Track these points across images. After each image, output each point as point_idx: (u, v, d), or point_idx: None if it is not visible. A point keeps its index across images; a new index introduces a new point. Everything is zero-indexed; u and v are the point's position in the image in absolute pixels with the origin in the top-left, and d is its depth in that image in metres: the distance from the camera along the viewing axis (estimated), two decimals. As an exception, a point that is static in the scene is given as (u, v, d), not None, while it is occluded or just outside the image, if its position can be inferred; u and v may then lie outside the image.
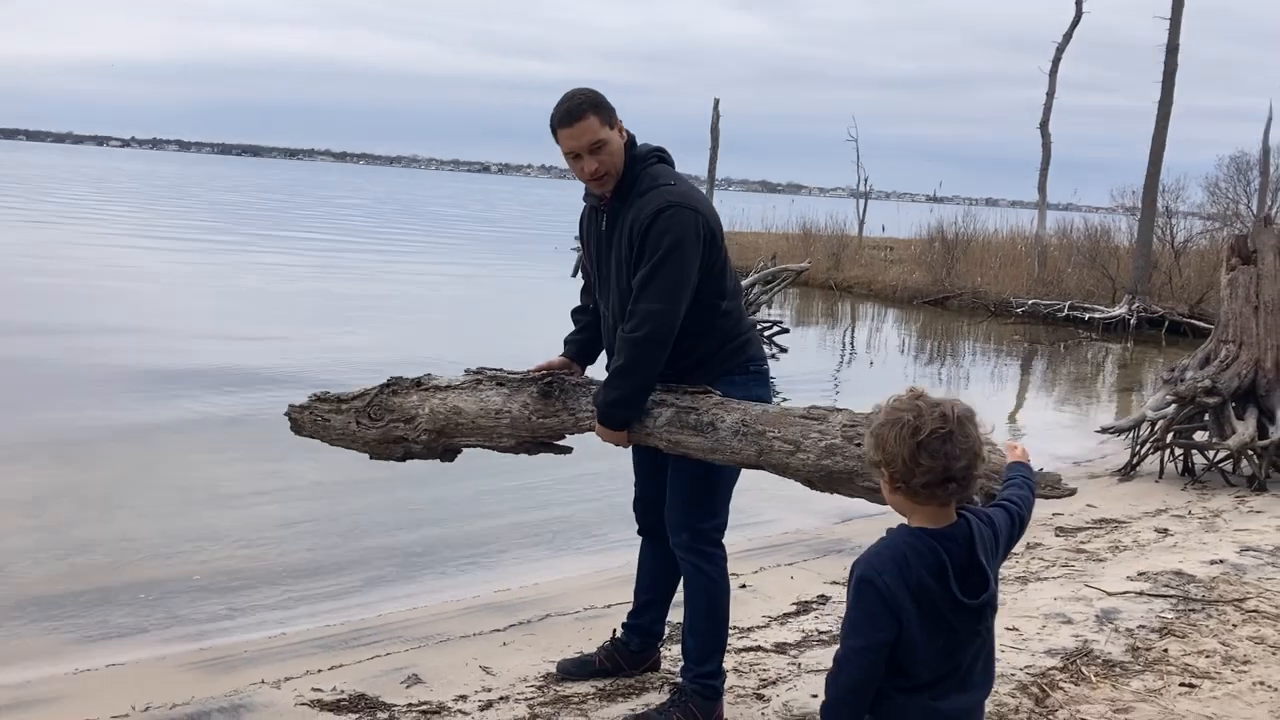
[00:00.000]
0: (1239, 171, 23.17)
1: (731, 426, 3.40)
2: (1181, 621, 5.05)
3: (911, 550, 2.26)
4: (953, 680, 2.32)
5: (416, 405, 3.85)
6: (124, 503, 6.95)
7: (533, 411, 3.72)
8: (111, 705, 4.08)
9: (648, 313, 3.53)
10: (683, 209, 3.54)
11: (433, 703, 4.08)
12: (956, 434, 2.26)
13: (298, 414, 4.05)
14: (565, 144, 3.63)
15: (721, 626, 3.87)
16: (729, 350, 3.75)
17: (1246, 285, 8.37)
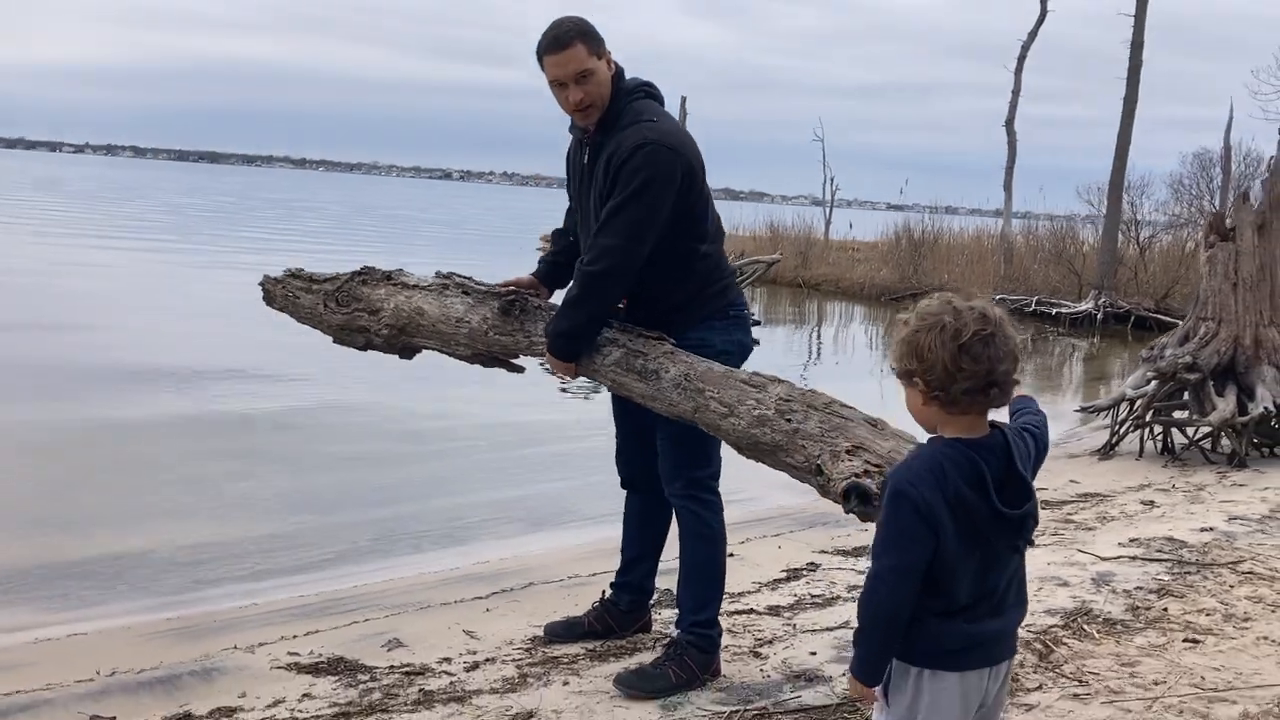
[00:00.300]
0: (1202, 168, 23.42)
1: (674, 379, 3.38)
2: (1178, 583, 4.96)
3: (949, 461, 2.12)
4: (987, 605, 2.18)
5: (383, 299, 3.83)
6: (84, 482, 6.71)
7: (490, 327, 3.68)
8: (75, 671, 3.87)
9: (606, 247, 3.45)
10: (661, 147, 3.42)
11: (415, 664, 3.90)
12: (998, 335, 2.13)
13: (272, 286, 4.04)
14: (550, 72, 3.50)
15: (717, 576, 3.75)
16: (709, 295, 3.65)
17: (1225, 262, 8.35)
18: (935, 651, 2.17)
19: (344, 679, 3.76)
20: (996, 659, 2.21)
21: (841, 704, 3.50)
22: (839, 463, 2.96)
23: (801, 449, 3.10)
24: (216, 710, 3.47)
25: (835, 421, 3.10)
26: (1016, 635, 2.28)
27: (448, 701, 3.51)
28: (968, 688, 2.17)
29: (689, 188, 3.49)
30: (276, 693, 3.62)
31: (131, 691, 3.67)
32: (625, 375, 3.47)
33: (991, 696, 2.24)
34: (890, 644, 2.18)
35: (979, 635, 2.17)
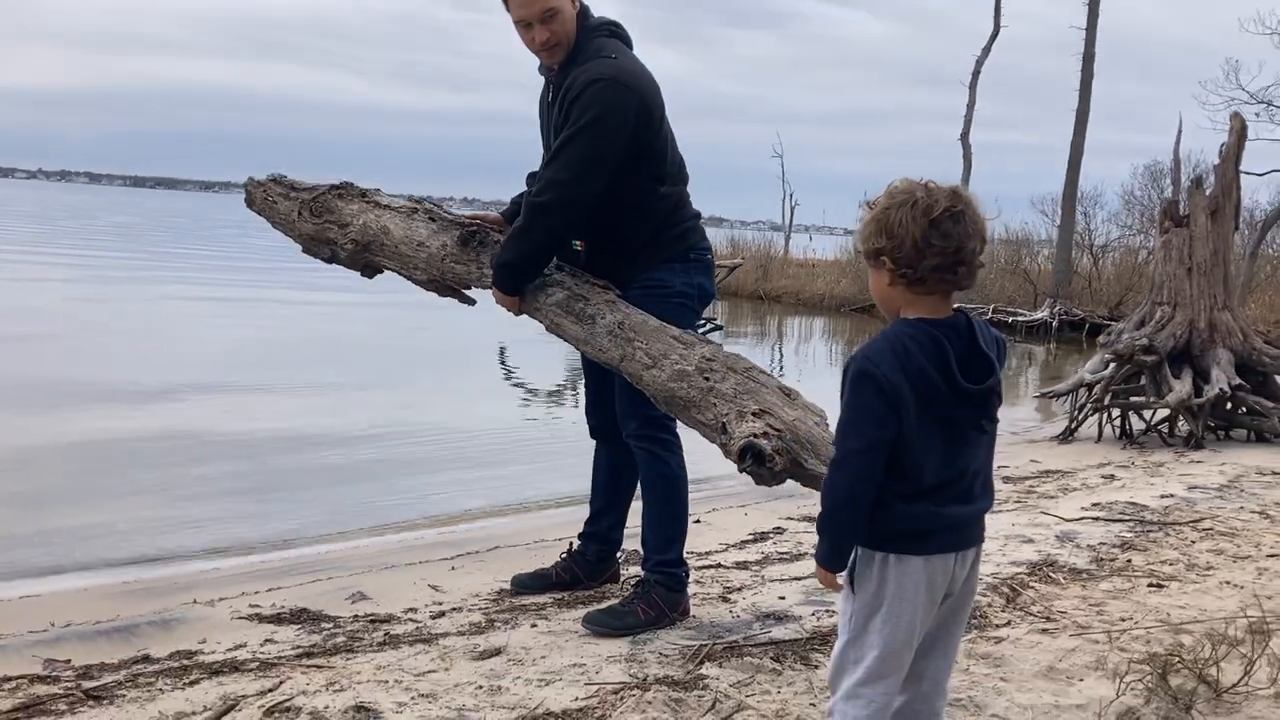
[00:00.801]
0: (1153, 179, 23.83)
1: (607, 325, 3.39)
2: (1141, 539, 5.00)
3: (911, 340, 2.12)
4: (954, 490, 2.17)
5: (355, 214, 3.83)
6: (35, 463, 6.56)
7: (448, 255, 3.68)
8: (28, 624, 3.77)
9: (551, 180, 3.44)
10: (615, 83, 3.40)
11: (380, 614, 3.84)
12: (968, 213, 2.13)
13: (254, 188, 4.06)
14: (516, 12, 3.48)
15: (681, 514, 3.72)
16: (670, 236, 3.63)
17: (1180, 248, 8.49)
18: (901, 534, 2.15)
19: (307, 627, 3.70)
20: (964, 544, 2.20)
21: (811, 638, 3.49)
22: (743, 423, 3.02)
23: (712, 406, 3.16)
24: (176, 653, 3.40)
25: (749, 385, 3.17)
26: (983, 523, 2.27)
27: (414, 643, 3.45)
28: (933, 571, 2.16)
29: (644, 124, 3.47)
30: (238, 639, 3.55)
31: (88, 639, 3.58)
32: (563, 317, 3.48)
33: (959, 584, 2.23)
34: (855, 527, 2.16)
35: (946, 518, 2.16)
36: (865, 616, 2.18)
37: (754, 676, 3.13)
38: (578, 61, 3.49)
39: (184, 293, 17.96)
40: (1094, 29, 20.72)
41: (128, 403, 8.47)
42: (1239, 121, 8.96)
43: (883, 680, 2.18)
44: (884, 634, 2.16)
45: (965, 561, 2.22)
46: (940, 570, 2.17)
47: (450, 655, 3.30)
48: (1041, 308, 21.06)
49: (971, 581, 2.28)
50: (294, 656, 3.33)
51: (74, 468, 6.46)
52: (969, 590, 2.29)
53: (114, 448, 7.03)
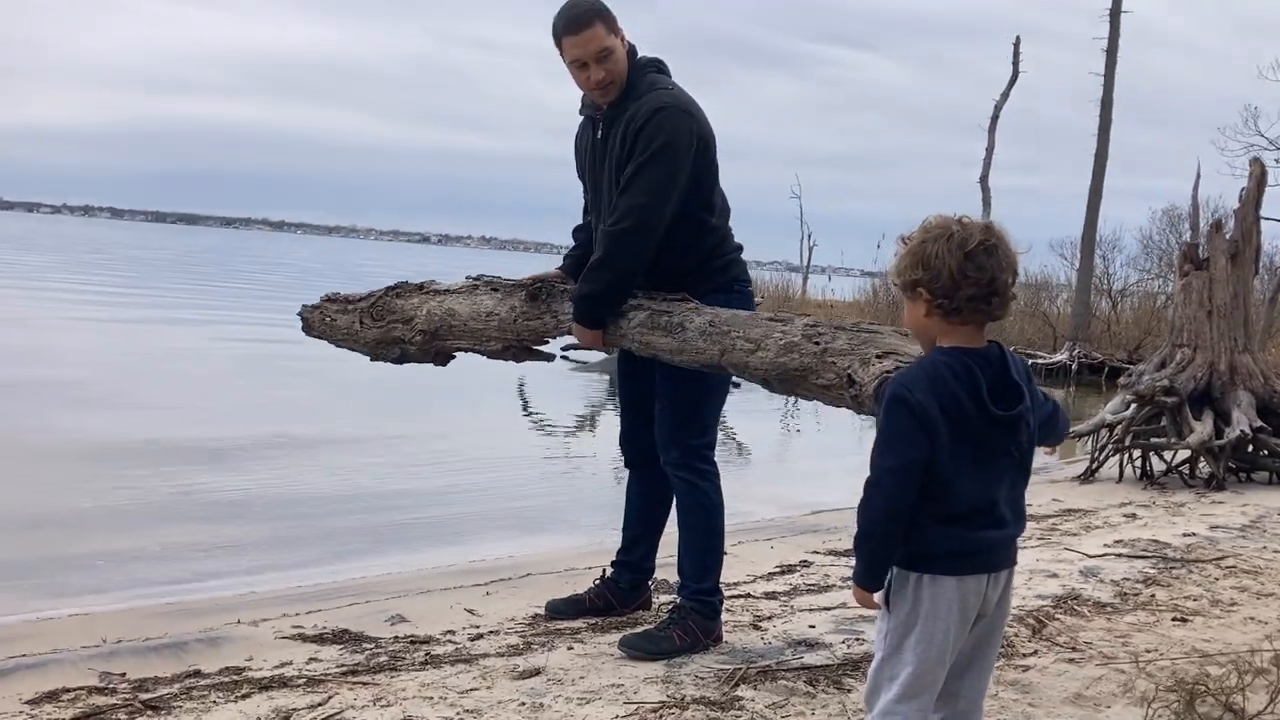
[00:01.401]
0: (1171, 224, 23.92)
1: (699, 327, 3.42)
2: (1164, 575, 5.07)
3: (945, 367, 2.24)
4: (987, 516, 2.27)
5: (416, 307, 3.92)
6: (74, 487, 6.69)
7: (519, 315, 3.75)
8: (81, 640, 3.88)
9: (629, 206, 3.51)
10: (678, 110, 3.54)
11: (420, 635, 3.94)
12: (1000, 246, 2.25)
13: (309, 313, 4.15)
14: (571, 53, 3.57)
15: (717, 544, 3.81)
16: (714, 268, 3.72)
17: (1200, 290, 8.57)
18: (934, 555, 2.25)
19: (349, 646, 3.79)
20: (995, 566, 2.29)
21: (843, 664, 3.57)
22: (869, 367, 2.95)
23: (831, 366, 3.09)
24: (226, 669, 3.50)
25: (864, 336, 3.13)
26: (1016, 546, 2.36)
27: (455, 663, 3.54)
28: (966, 592, 2.25)
29: (701, 154, 3.58)
30: (283, 657, 3.64)
31: (139, 654, 3.69)
32: (651, 333, 3.50)
33: (992, 605, 2.31)
34: (889, 546, 2.26)
35: (978, 542, 2.26)
36: (900, 635, 2.28)
37: (788, 699, 3.22)
38: (632, 97, 3.59)
39: (206, 333, 18.12)
40: (1112, 74, 20.91)
41: (166, 438, 8.61)
42: (1259, 166, 9.07)
43: (916, 698, 2.27)
44: (918, 652, 2.25)
45: (997, 584, 2.32)
46: (973, 591, 2.27)
47: (491, 675, 3.39)
48: (1061, 350, 21.07)
49: (1005, 604, 2.38)
50: (340, 674, 3.43)
51: (111, 495, 6.58)
52: (1002, 612, 2.38)
53: (147, 478, 7.15)
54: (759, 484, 8.25)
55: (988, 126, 25.09)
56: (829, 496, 7.53)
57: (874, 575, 2.30)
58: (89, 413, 9.51)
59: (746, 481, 8.21)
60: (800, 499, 7.65)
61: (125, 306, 21.56)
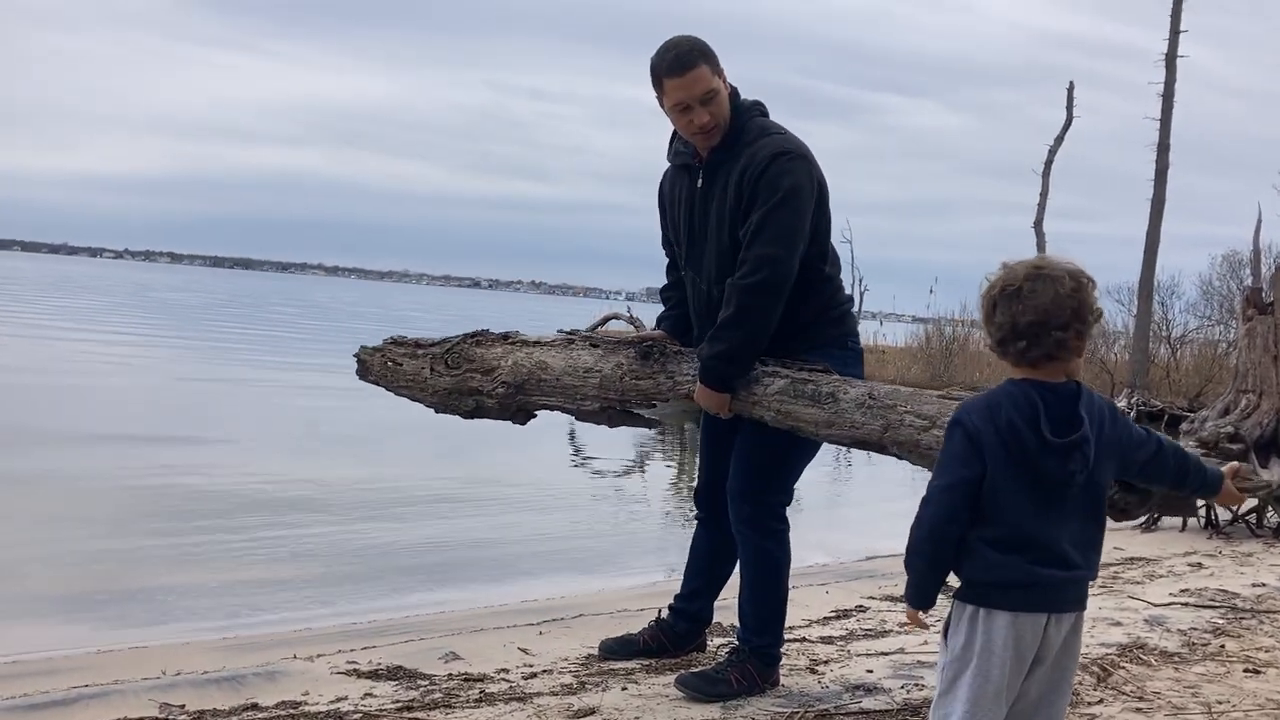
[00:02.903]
0: (1231, 270, 23.56)
1: (855, 399, 3.17)
2: (1234, 625, 4.93)
3: (1005, 396, 2.26)
4: (1047, 549, 2.23)
5: (500, 357, 3.67)
6: (132, 524, 6.80)
7: (627, 372, 3.50)
8: (142, 671, 3.92)
9: (762, 257, 3.29)
10: (799, 157, 3.38)
11: (474, 673, 3.92)
12: (1025, 289, 2.23)
13: (368, 355, 3.90)
14: (674, 95, 3.38)
15: (782, 600, 3.71)
16: (829, 320, 3.55)
17: (1264, 335, 8.39)
18: (989, 584, 2.23)
19: (404, 683, 3.78)
20: (1056, 606, 2.25)
21: (903, 709, 3.50)
22: None
23: None
24: (283, 703, 3.51)
25: None
26: (1084, 590, 2.31)
27: (509, 701, 3.53)
28: (1021, 629, 2.21)
29: (820, 202, 3.43)
30: (339, 692, 3.65)
31: (198, 686, 3.71)
32: (794, 403, 3.25)
33: (1054, 649, 2.26)
34: (935, 564, 2.26)
35: (1036, 576, 2.21)
36: (955, 671, 2.26)
37: (847, 744, 3.16)
38: (744, 141, 3.41)
39: (247, 374, 18.35)
40: (1169, 118, 20.73)
41: (219, 477, 8.74)
42: (1323, 210, 8.90)
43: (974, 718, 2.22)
44: (971, 688, 2.22)
45: (1060, 626, 2.26)
46: (1029, 629, 2.22)
47: (545, 713, 3.37)
48: (1119, 398, 20.73)
49: (1073, 650, 2.32)
50: (395, 710, 3.42)
51: (170, 532, 6.68)
52: (1070, 656, 2.33)
53: (206, 515, 7.25)
54: (812, 530, 8.14)
55: (1041, 172, 24.95)
56: (883, 543, 7.43)
57: (921, 593, 2.31)
58: (141, 447, 9.67)
59: (800, 527, 8.01)
60: (854, 545, 7.57)
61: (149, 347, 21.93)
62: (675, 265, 3.82)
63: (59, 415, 11.42)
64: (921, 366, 24.84)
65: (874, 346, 32.30)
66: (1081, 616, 2.32)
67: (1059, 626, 2.26)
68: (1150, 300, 21.26)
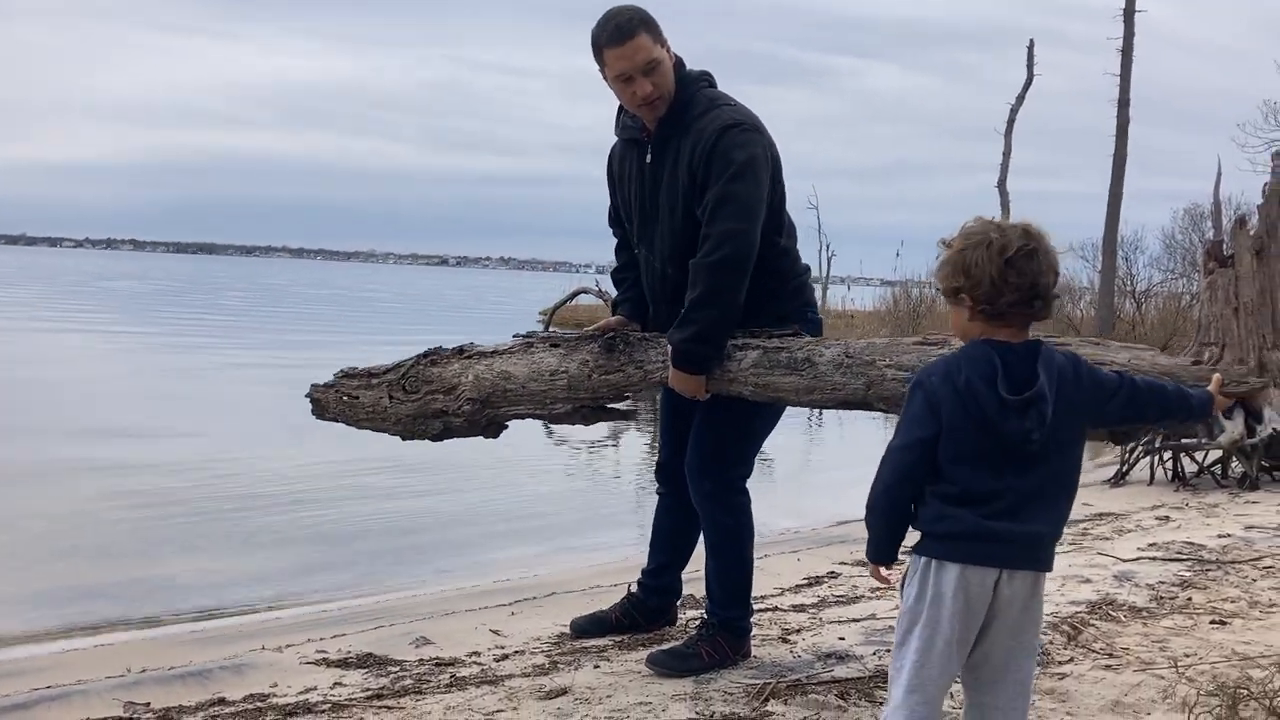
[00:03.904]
0: (1193, 223, 23.72)
1: (832, 360, 3.10)
2: (1200, 578, 4.97)
3: (965, 358, 2.27)
4: (1003, 504, 2.23)
5: (458, 374, 3.55)
6: (96, 518, 6.70)
7: (594, 369, 3.40)
8: (106, 670, 3.87)
9: (724, 233, 3.22)
10: (750, 128, 3.30)
11: (445, 657, 3.90)
12: (1040, 249, 2.25)
13: (321, 394, 3.73)
14: (615, 66, 3.31)
15: (747, 570, 3.69)
16: (787, 291, 3.50)
17: (1225, 287, 8.46)
18: (938, 535, 2.25)
19: (374, 670, 3.75)
20: (1007, 561, 2.23)
21: (875, 676, 3.50)
22: None
23: None
24: (250, 696, 3.47)
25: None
26: (1042, 549, 2.28)
27: (480, 684, 3.50)
28: (969, 582, 2.22)
29: (774, 173, 3.37)
30: (308, 683, 3.61)
31: (164, 683, 3.66)
32: (770, 374, 3.19)
33: (1013, 608, 2.25)
34: (893, 520, 2.31)
35: (983, 529, 2.22)
36: (908, 623, 2.29)
37: (819, 713, 3.16)
38: (690, 114, 3.34)
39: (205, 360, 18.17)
40: (1128, 74, 20.78)
41: (180, 460, 8.64)
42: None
43: (921, 690, 2.26)
44: (921, 639, 2.25)
45: (1014, 585, 2.24)
46: (977, 582, 2.23)
47: (517, 695, 3.35)
48: (1085, 354, 20.91)
49: (1033, 613, 2.29)
50: (364, 698, 3.39)
51: (134, 523, 6.60)
52: (1031, 620, 2.29)
53: (171, 503, 7.18)
54: (783, 496, 8.20)
55: (1004, 131, 24.99)
56: (854, 507, 7.43)
57: (879, 549, 2.35)
58: (98, 442, 9.52)
59: (770, 494, 8.15)
60: (825, 510, 7.58)
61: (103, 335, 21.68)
62: (626, 244, 3.75)
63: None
64: (890, 329, 24.89)
65: (842, 311, 32.48)
66: (1041, 580, 2.29)
67: (1011, 584, 2.24)
68: (1114, 256, 21.39)
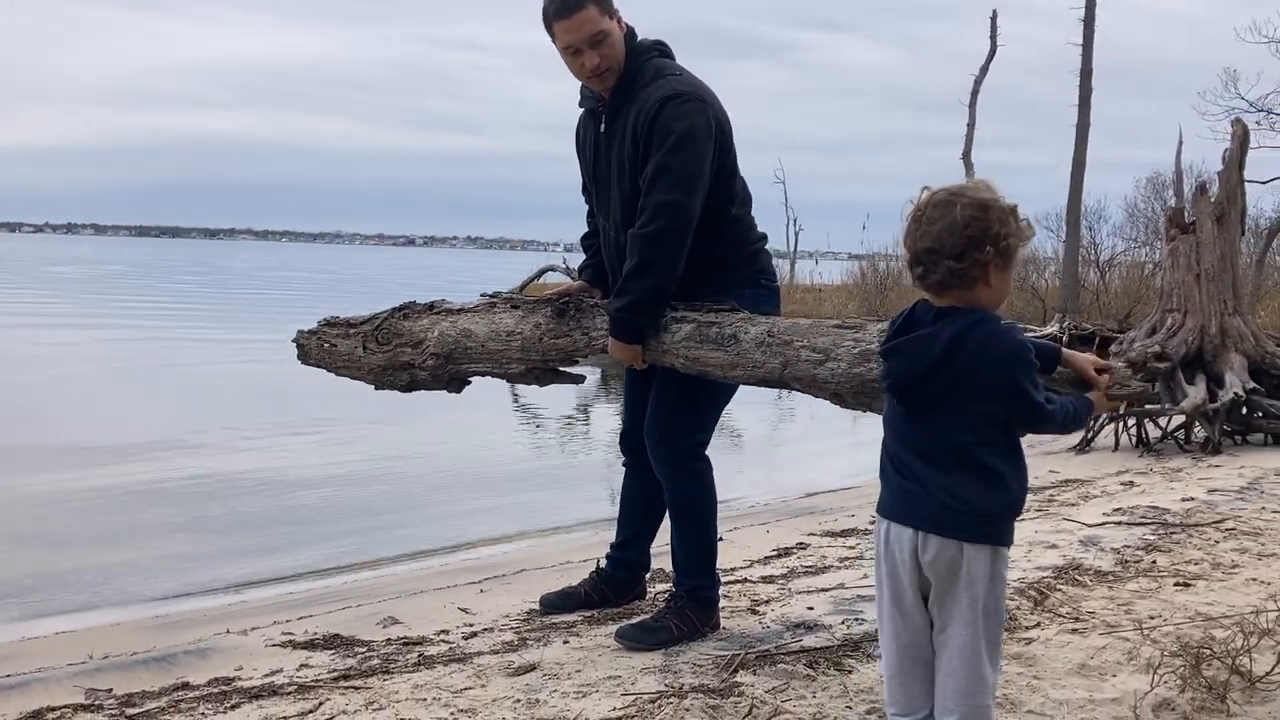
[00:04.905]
0: (1155, 192, 23.90)
1: (755, 338, 3.16)
2: (1164, 541, 5.02)
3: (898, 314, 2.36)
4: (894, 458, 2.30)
5: (426, 329, 3.65)
6: (60, 504, 6.61)
7: (545, 332, 3.49)
8: (66, 657, 3.81)
9: (660, 204, 3.25)
10: (694, 98, 3.31)
11: (413, 636, 3.87)
12: (926, 216, 2.21)
13: (305, 339, 3.87)
14: (562, 38, 3.34)
15: (711, 538, 3.70)
16: (739, 259, 3.52)
17: (1187, 254, 8.53)
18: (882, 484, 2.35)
19: (341, 651, 3.72)
20: (903, 516, 2.23)
21: (843, 645, 3.50)
22: None
23: None
24: (215, 680, 3.42)
25: None
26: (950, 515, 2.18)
27: (448, 663, 3.47)
28: (890, 539, 2.27)
29: (720, 143, 3.37)
30: (273, 665, 3.57)
31: (126, 669, 3.62)
32: (700, 348, 3.25)
33: (936, 571, 2.19)
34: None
35: (894, 485, 2.28)
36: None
37: (789, 683, 3.15)
38: (638, 85, 3.37)
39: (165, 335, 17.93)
40: (1090, 44, 20.86)
41: (145, 444, 8.54)
42: (1240, 127, 9.03)
43: (885, 653, 2.32)
44: (877, 595, 2.34)
45: (929, 548, 2.20)
46: (896, 539, 2.25)
47: (486, 673, 3.32)
48: (1051, 323, 21.03)
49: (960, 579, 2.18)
50: (331, 679, 3.35)
51: (98, 508, 6.52)
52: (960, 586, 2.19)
53: (135, 488, 7.10)
54: (753, 468, 8.22)
55: (968, 103, 25.05)
56: (823, 479, 7.49)
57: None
58: (57, 425, 9.39)
59: (740, 466, 8.18)
60: (795, 482, 7.61)
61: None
62: (594, 213, 3.76)
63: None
64: (858, 302, 24.97)
65: (811, 285, 32.51)
66: (965, 550, 2.17)
67: (927, 547, 2.19)
68: (1078, 225, 21.52)
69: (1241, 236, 9.42)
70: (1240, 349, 8.43)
